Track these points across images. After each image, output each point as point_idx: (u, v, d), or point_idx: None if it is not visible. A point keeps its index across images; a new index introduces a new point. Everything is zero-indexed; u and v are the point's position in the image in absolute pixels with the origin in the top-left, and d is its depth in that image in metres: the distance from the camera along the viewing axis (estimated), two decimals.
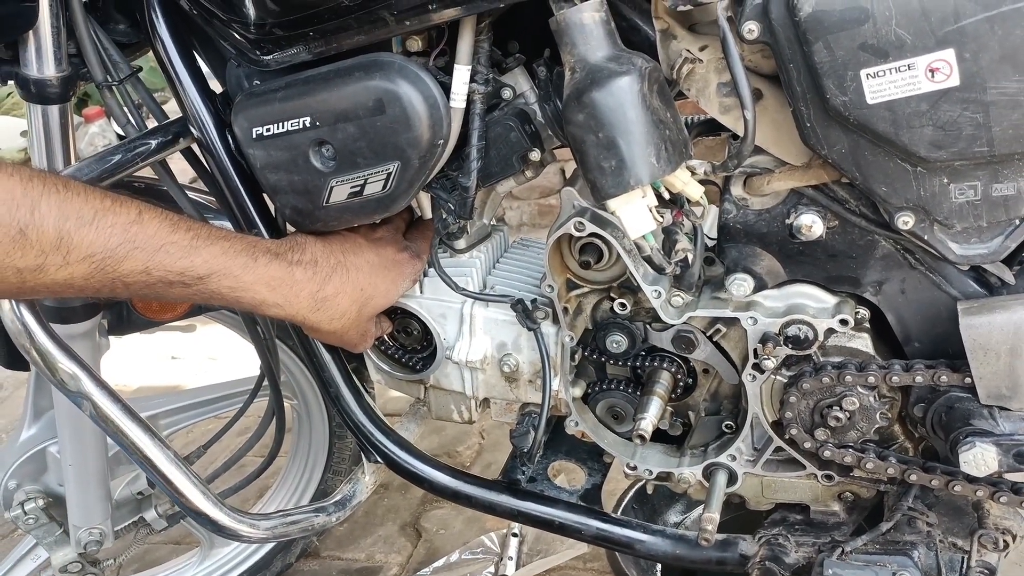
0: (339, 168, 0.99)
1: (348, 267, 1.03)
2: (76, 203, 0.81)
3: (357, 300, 1.03)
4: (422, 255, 1.10)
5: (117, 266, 0.85)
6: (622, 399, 1.11)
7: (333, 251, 1.03)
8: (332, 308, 1.01)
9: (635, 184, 0.85)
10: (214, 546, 1.67)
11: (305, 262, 1.00)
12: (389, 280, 1.06)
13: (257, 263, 0.95)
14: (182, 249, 0.89)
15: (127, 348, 2.45)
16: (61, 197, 0.80)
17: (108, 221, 0.83)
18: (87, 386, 0.92)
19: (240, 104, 1.02)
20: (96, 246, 0.82)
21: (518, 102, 1.01)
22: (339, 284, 1.01)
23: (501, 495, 1.16)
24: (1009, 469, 0.86)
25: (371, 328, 1.09)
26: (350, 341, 1.08)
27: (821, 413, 0.97)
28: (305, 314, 1.00)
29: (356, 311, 1.04)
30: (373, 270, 1.05)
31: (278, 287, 0.96)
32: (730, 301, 0.99)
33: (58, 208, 0.79)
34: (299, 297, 0.98)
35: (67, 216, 0.80)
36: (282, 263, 0.98)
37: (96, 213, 0.83)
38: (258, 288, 0.95)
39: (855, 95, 0.78)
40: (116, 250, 0.84)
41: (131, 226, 0.85)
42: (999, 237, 0.85)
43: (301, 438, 1.66)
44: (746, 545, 1.08)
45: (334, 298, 1.01)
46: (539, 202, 2.97)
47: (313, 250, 1.02)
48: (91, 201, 0.83)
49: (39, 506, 1.39)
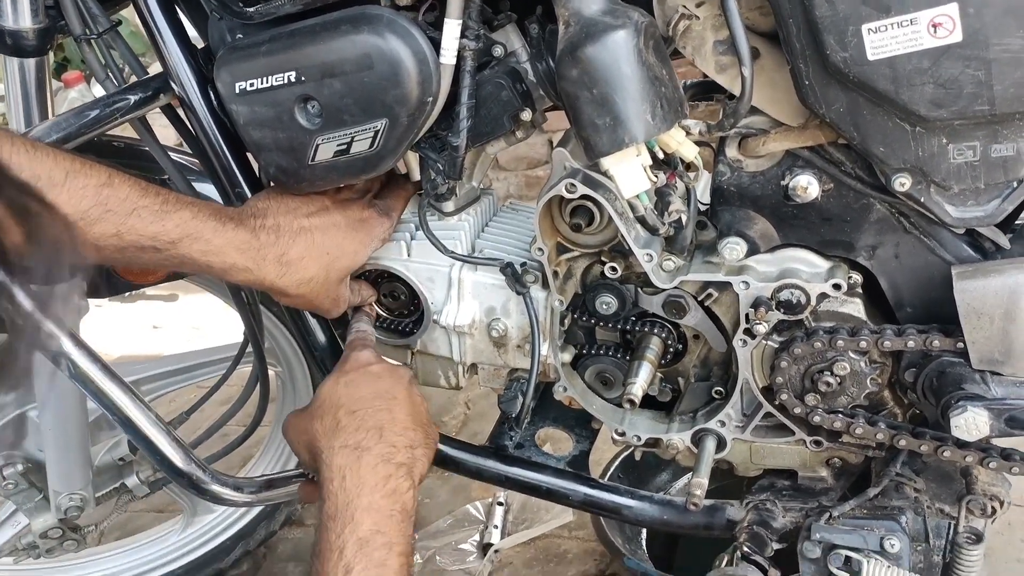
0: (325, 125, 0.96)
1: (312, 230, 1.01)
2: (47, 164, 0.79)
3: (323, 263, 1.02)
4: (391, 213, 1.09)
5: (89, 228, 0.83)
6: (611, 364, 1.10)
7: (296, 215, 1.01)
8: (298, 272, 1.00)
9: (630, 142, 0.84)
10: (197, 513, 1.66)
11: (268, 226, 0.99)
12: (357, 241, 1.04)
13: (225, 227, 0.95)
14: (153, 213, 0.88)
15: (108, 317, 2.43)
16: (31, 157, 0.78)
17: (79, 183, 0.81)
18: (66, 345, 0.90)
19: (223, 58, 0.99)
20: (68, 207, 0.80)
21: (509, 60, 0.99)
22: (304, 248, 1.00)
23: (488, 460, 1.16)
24: (1000, 434, 0.86)
25: (343, 293, 1.07)
26: (321, 306, 1.06)
27: (812, 378, 0.96)
28: (272, 278, 0.98)
29: (324, 274, 1.02)
30: (339, 231, 1.03)
31: (246, 250, 0.96)
32: (722, 265, 0.98)
33: (28, 168, 0.77)
34: (266, 260, 0.97)
35: (37, 176, 0.78)
36: (246, 228, 0.97)
37: (67, 175, 0.81)
38: (228, 251, 0.94)
39: (855, 51, 0.77)
40: (88, 212, 0.82)
41: (102, 189, 0.84)
42: (996, 200, 0.84)
43: (285, 406, 1.65)
44: (734, 510, 1.08)
45: (299, 262, 0.99)
46: (526, 173, 2.95)
47: (276, 214, 1.00)
48: (61, 163, 0.81)
49: (18, 471, 1.37)
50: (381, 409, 0.94)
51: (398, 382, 0.99)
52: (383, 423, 0.93)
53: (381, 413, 0.94)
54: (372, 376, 0.99)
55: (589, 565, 1.67)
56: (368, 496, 0.87)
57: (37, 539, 1.40)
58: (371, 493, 0.87)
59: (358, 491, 0.87)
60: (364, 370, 0.99)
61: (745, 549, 1.02)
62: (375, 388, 0.97)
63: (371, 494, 0.87)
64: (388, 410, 0.95)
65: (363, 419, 0.93)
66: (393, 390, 0.97)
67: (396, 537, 0.86)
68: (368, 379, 0.98)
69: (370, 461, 0.89)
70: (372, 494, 0.87)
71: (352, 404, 0.94)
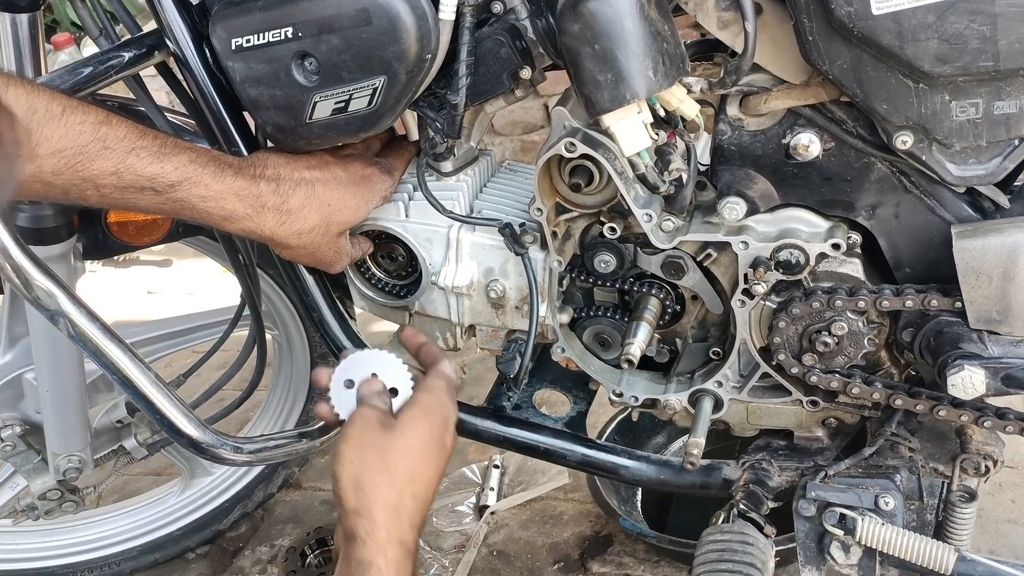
0: (323, 82, 0.95)
1: (313, 182, 1.00)
2: (43, 98, 0.79)
3: (324, 214, 1.01)
4: (393, 172, 1.08)
5: (88, 164, 0.83)
6: (609, 326, 1.10)
7: (297, 166, 1.01)
8: (298, 222, 0.99)
9: (631, 98, 0.83)
10: (195, 476, 1.67)
11: (268, 176, 0.98)
12: (359, 196, 1.04)
13: (224, 174, 0.94)
14: (152, 154, 0.88)
15: (103, 283, 2.42)
16: (27, 90, 0.78)
17: (77, 118, 0.81)
18: (64, 303, 0.89)
19: (218, 14, 0.97)
20: (66, 140, 0.80)
21: (509, 17, 0.97)
22: (304, 198, 0.99)
23: (486, 421, 1.16)
24: (996, 392, 0.86)
25: (344, 245, 1.06)
26: (323, 259, 1.05)
27: (809, 338, 0.96)
28: (272, 227, 0.98)
29: (324, 226, 1.01)
30: (340, 185, 1.02)
31: (246, 197, 0.95)
32: (722, 225, 0.97)
33: (25, 99, 0.77)
34: (265, 208, 0.97)
35: (35, 108, 0.78)
36: (246, 176, 0.96)
37: (64, 109, 0.81)
38: (228, 198, 0.94)
39: (860, 5, 0.76)
40: (87, 147, 0.82)
41: (100, 126, 0.83)
42: (997, 158, 0.84)
43: (282, 369, 1.65)
44: (730, 470, 1.09)
45: (299, 211, 0.99)
46: (522, 138, 2.93)
47: (276, 164, 1.00)
48: (58, 99, 0.81)
49: (16, 433, 1.38)
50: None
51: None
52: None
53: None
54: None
55: (585, 526, 1.69)
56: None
57: (36, 500, 1.41)
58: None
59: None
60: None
61: (741, 507, 1.03)
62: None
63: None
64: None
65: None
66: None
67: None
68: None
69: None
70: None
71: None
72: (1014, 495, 1.61)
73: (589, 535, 1.67)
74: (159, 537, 1.67)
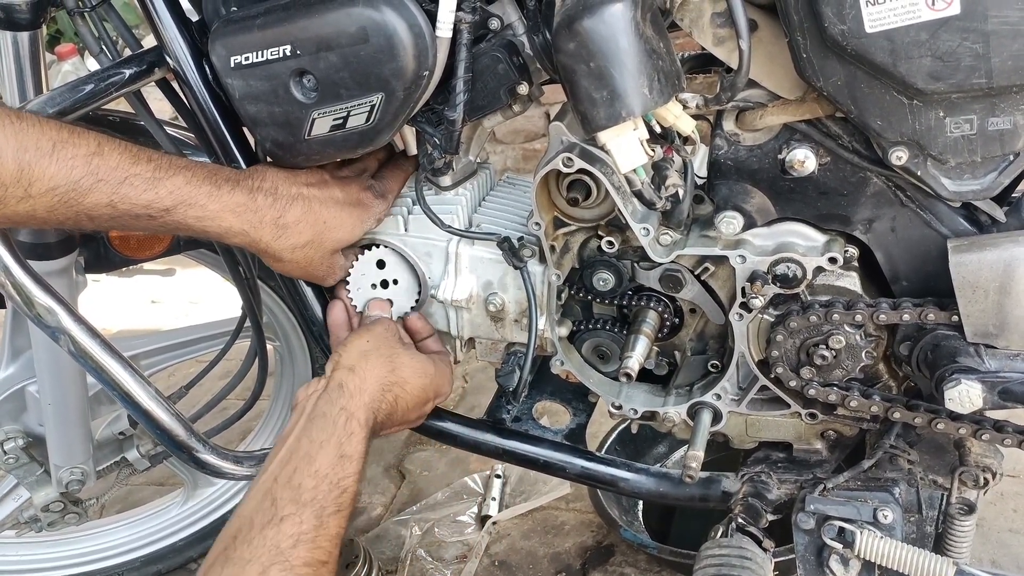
0: (321, 99, 0.96)
1: (310, 199, 1.02)
2: (33, 134, 0.79)
3: (318, 231, 1.02)
4: (387, 195, 1.09)
5: (82, 199, 0.83)
6: (608, 338, 1.10)
7: (294, 182, 1.02)
8: (293, 236, 1.00)
9: (627, 116, 0.84)
10: (197, 487, 1.67)
11: (266, 189, 0.99)
12: (354, 216, 1.05)
13: (221, 191, 0.95)
14: (146, 181, 0.88)
15: (106, 292, 2.43)
16: (16, 128, 0.77)
17: (68, 153, 0.81)
18: (65, 320, 0.90)
19: (217, 31, 0.98)
20: (59, 178, 0.80)
21: (506, 33, 0.98)
22: (300, 213, 1.00)
23: (486, 434, 1.17)
24: (993, 406, 0.86)
25: (337, 261, 1.08)
26: (315, 274, 1.07)
27: (807, 352, 0.96)
28: (268, 241, 0.99)
29: (318, 241, 1.03)
30: (336, 204, 1.04)
31: (243, 213, 0.96)
32: (719, 239, 0.98)
33: (15, 139, 0.77)
34: (262, 223, 0.98)
35: (25, 148, 0.78)
36: (244, 189, 0.97)
37: (55, 145, 0.80)
38: (224, 215, 0.95)
39: (854, 23, 0.76)
40: (79, 183, 0.82)
41: (92, 158, 0.83)
42: (992, 173, 0.84)
43: (284, 380, 1.65)
44: (729, 482, 1.09)
45: (295, 226, 1.00)
46: (523, 147, 2.94)
47: (274, 178, 1.01)
48: (48, 132, 0.80)
49: (19, 445, 1.38)
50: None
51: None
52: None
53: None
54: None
55: (586, 536, 1.69)
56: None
57: (39, 512, 1.41)
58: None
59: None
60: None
61: (740, 520, 1.03)
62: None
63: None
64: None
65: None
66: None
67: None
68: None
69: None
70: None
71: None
72: (1016, 505, 1.61)
73: (591, 545, 1.67)
74: (162, 548, 1.67)
